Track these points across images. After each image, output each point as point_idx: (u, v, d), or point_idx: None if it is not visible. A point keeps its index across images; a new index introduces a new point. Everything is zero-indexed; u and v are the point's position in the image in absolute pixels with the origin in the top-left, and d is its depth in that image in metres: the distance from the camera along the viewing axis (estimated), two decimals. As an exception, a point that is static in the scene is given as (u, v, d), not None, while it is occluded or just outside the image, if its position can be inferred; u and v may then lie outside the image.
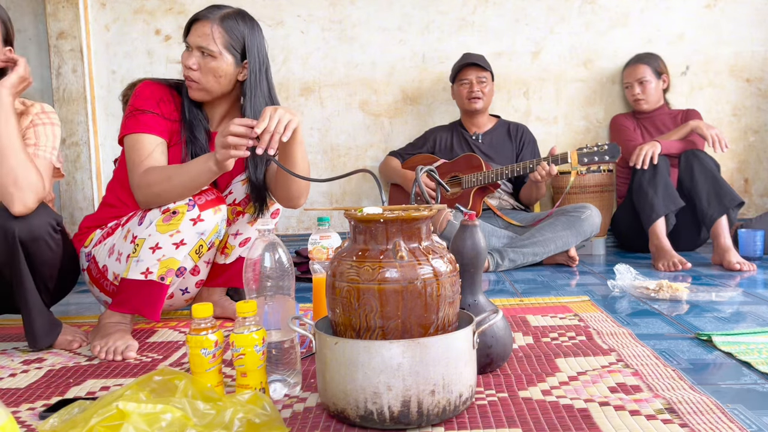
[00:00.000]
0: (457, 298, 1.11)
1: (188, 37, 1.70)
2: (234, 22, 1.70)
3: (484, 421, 1.07)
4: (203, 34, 1.67)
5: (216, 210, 1.63)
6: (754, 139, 3.28)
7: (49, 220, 1.51)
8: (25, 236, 1.46)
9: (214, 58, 1.68)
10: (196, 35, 1.68)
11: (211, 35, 1.67)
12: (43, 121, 1.63)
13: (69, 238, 1.65)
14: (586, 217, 2.69)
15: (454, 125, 3.13)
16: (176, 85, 1.79)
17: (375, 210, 1.09)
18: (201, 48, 1.67)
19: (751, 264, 2.49)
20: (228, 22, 1.69)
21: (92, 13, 3.21)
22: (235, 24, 1.70)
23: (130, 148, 1.66)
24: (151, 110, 1.69)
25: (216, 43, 1.67)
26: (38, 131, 1.60)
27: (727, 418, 1.02)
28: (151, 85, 1.75)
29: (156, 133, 1.67)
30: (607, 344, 1.48)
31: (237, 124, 1.45)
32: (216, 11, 1.70)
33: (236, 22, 1.71)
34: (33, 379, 1.39)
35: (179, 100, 1.76)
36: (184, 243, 1.58)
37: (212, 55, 1.67)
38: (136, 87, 1.80)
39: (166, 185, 1.57)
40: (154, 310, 1.59)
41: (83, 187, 3.19)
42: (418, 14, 3.23)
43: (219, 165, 1.52)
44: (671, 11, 3.22)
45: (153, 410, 0.92)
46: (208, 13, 1.70)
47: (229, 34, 1.69)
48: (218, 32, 1.67)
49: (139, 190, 1.62)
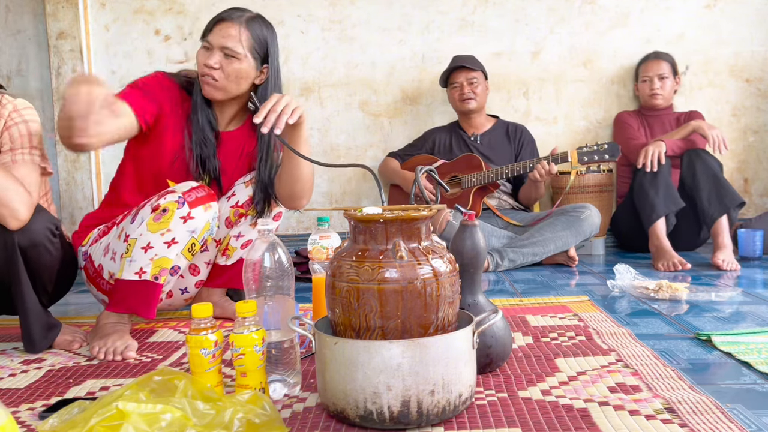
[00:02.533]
0: (456, 298, 1.11)
1: (211, 37, 1.70)
2: (258, 26, 1.72)
3: (484, 421, 1.07)
4: (229, 35, 1.67)
5: (206, 207, 1.62)
6: (753, 139, 3.28)
7: (48, 225, 1.51)
8: (24, 243, 1.46)
9: (238, 60, 1.68)
10: (221, 35, 1.68)
11: (238, 37, 1.67)
12: (15, 121, 1.54)
13: (67, 240, 1.64)
14: (586, 217, 2.70)
15: (453, 126, 3.13)
16: (188, 83, 1.79)
17: (375, 210, 1.09)
18: (225, 48, 1.67)
19: (736, 264, 2.49)
20: (253, 26, 1.70)
21: (92, 13, 3.21)
22: (259, 28, 1.72)
23: None
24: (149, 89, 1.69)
25: (242, 45, 1.68)
26: (12, 133, 1.53)
27: (726, 418, 1.02)
28: (162, 74, 1.76)
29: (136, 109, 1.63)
30: (606, 344, 1.48)
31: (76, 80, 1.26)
32: (239, 13, 1.70)
33: (260, 26, 1.72)
34: (32, 379, 1.39)
35: (187, 99, 1.76)
36: (176, 242, 1.58)
37: (236, 57, 1.68)
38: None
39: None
40: (149, 309, 1.58)
41: (83, 187, 3.19)
42: (418, 14, 3.23)
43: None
44: (671, 11, 3.22)
45: (153, 410, 0.92)
46: (233, 15, 1.70)
47: (254, 38, 1.70)
48: (245, 35, 1.68)
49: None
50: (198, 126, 1.73)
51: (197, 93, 1.75)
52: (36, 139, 1.56)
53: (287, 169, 1.70)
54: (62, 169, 3.17)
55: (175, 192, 1.59)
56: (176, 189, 1.61)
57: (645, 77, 3.07)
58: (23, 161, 1.52)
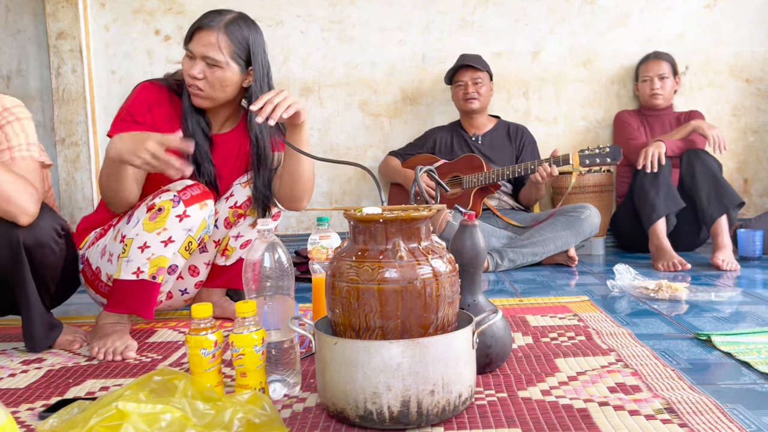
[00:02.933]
0: (456, 298, 1.11)
1: (191, 45, 1.66)
2: (238, 29, 1.67)
3: (484, 421, 1.07)
4: (208, 44, 1.63)
5: (202, 205, 1.61)
6: (753, 139, 3.28)
7: (54, 224, 1.50)
8: (30, 242, 1.46)
9: (221, 68, 1.65)
10: (201, 44, 1.64)
11: (216, 45, 1.63)
12: (8, 119, 1.54)
13: (72, 241, 1.64)
14: (586, 217, 2.70)
15: (454, 126, 3.13)
16: (178, 86, 1.76)
17: (374, 210, 1.09)
18: (206, 58, 1.64)
19: (735, 264, 2.49)
20: (232, 30, 1.66)
21: (92, 13, 3.21)
22: (239, 31, 1.67)
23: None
24: (141, 118, 1.67)
25: (222, 53, 1.64)
26: (7, 131, 1.53)
27: (726, 418, 1.02)
28: (148, 87, 1.72)
29: None
30: (606, 344, 1.48)
31: (156, 141, 1.41)
32: (218, 18, 1.66)
33: (240, 28, 1.67)
34: (32, 380, 1.39)
35: (179, 103, 1.74)
36: (173, 240, 1.57)
37: (218, 65, 1.65)
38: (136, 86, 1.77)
39: (105, 182, 1.60)
40: (148, 308, 1.58)
41: (83, 187, 3.19)
42: (418, 14, 3.23)
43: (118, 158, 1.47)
44: (671, 11, 3.22)
45: (153, 410, 0.92)
46: (211, 22, 1.65)
47: (234, 43, 1.66)
48: (224, 41, 1.64)
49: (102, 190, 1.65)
50: (189, 133, 1.70)
51: (186, 100, 1.72)
52: (32, 135, 1.56)
53: (288, 170, 1.69)
54: (62, 170, 3.16)
55: (170, 191, 1.59)
56: (171, 187, 1.61)
57: (645, 77, 3.07)
58: (22, 158, 1.52)
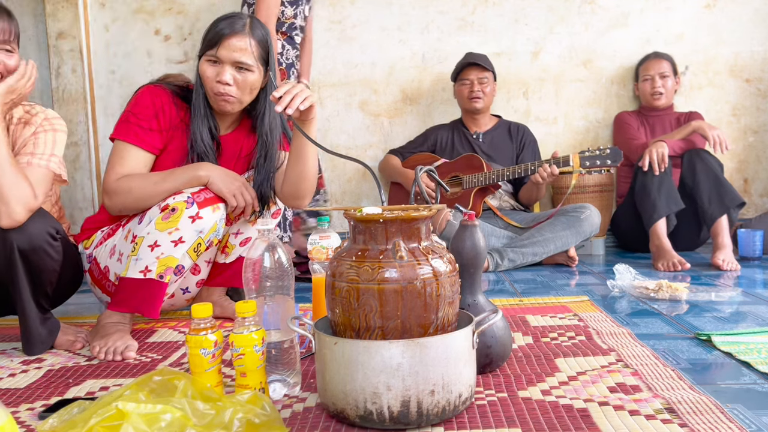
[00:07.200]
0: (456, 298, 1.11)
1: (221, 52, 1.63)
2: (259, 31, 1.68)
3: (484, 421, 1.07)
4: (241, 49, 1.63)
5: (215, 208, 1.62)
6: (753, 139, 3.28)
7: (47, 228, 1.49)
8: (23, 246, 1.45)
9: (252, 72, 1.66)
10: (233, 50, 1.63)
11: (249, 49, 1.64)
12: (45, 128, 1.58)
13: (70, 243, 1.64)
14: (586, 217, 2.70)
15: (455, 124, 3.13)
16: (183, 90, 1.75)
17: (374, 210, 1.09)
18: (239, 63, 1.64)
19: (736, 264, 2.49)
20: (256, 32, 1.67)
21: (92, 13, 3.21)
22: (260, 32, 1.68)
23: (116, 153, 1.67)
24: (147, 123, 1.67)
25: (254, 56, 1.65)
26: (38, 139, 1.56)
27: (726, 418, 1.02)
28: (152, 91, 1.71)
29: (145, 147, 1.67)
30: (606, 344, 1.48)
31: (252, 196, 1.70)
32: (240, 22, 1.66)
33: (259, 29, 1.69)
34: (32, 380, 1.39)
35: (184, 107, 1.73)
36: (183, 241, 1.58)
37: (250, 70, 1.65)
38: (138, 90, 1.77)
39: (150, 190, 1.61)
40: (153, 308, 1.58)
41: (83, 187, 3.19)
42: (417, 14, 3.23)
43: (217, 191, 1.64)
44: (671, 11, 3.22)
45: (152, 410, 0.92)
46: (238, 26, 1.65)
47: (260, 46, 1.67)
48: (254, 45, 1.66)
49: (115, 195, 1.64)
50: (198, 136, 1.70)
51: (199, 104, 1.71)
52: (58, 148, 1.59)
53: (295, 167, 1.69)
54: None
55: (183, 192, 1.60)
56: (184, 189, 1.61)
57: (646, 76, 3.07)
58: (39, 165, 1.53)
